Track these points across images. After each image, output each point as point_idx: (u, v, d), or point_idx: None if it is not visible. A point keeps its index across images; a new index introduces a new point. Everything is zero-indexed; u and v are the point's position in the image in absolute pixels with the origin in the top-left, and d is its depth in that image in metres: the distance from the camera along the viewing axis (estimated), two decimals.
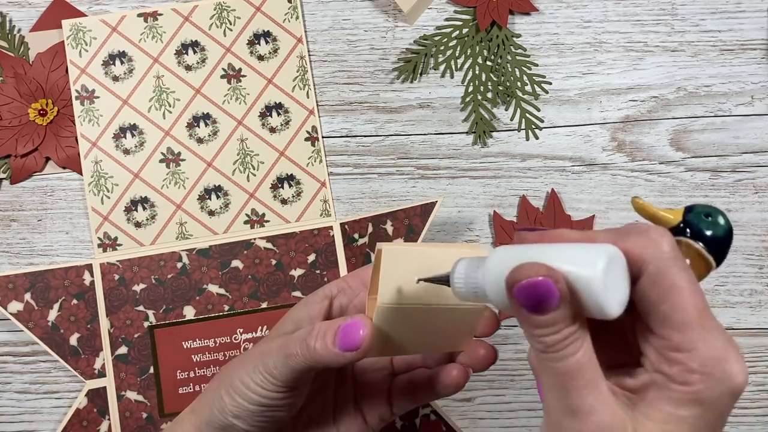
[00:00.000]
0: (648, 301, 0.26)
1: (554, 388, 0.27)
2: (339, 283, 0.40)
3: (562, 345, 0.26)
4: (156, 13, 0.57)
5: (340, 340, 0.33)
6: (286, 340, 0.35)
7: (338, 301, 0.40)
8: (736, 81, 0.58)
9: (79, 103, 0.57)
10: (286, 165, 0.57)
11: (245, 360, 0.37)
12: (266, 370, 0.35)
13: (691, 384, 0.26)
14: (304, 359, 0.34)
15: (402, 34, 0.58)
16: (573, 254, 0.26)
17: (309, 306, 0.39)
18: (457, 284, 0.30)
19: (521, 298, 0.26)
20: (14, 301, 0.54)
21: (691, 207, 0.30)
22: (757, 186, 0.57)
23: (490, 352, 0.38)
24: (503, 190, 0.57)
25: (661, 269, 0.26)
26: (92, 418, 0.54)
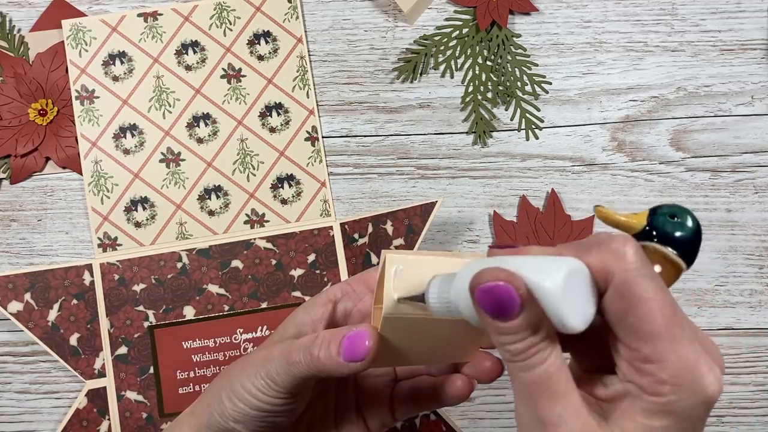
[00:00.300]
0: (615, 314, 0.26)
1: (523, 398, 0.26)
2: (343, 287, 0.39)
3: (528, 354, 0.26)
4: (156, 13, 0.57)
5: (344, 350, 0.33)
6: (289, 347, 0.35)
7: (342, 305, 0.39)
8: (736, 81, 0.58)
9: (79, 103, 0.57)
10: (286, 165, 0.57)
11: (247, 364, 0.36)
12: (268, 376, 0.35)
13: (662, 395, 0.25)
14: (307, 368, 0.34)
15: (402, 34, 0.58)
16: (535, 266, 0.26)
17: (312, 309, 0.38)
18: (432, 302, 0.30)
19: (483, 302, 0.26)
20: (14, 301, 0.54)
21: (655, 209, 0.29)
22: (757, 186, 0.57)
23: (496, 365, 0.37)
24: (503, 190, 0.57)
25: (625, 281, 0.26)
26: (92, 418, 0.54)
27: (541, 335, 0.26)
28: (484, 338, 0.36)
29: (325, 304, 0.38)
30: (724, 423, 0.55)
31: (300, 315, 0.38)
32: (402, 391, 0.41)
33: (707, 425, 0.55)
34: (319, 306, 0.38)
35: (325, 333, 0.34)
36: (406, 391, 0.40)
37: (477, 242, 0.56)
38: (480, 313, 0.26)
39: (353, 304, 0.39)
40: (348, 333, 0.33)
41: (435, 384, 0.39)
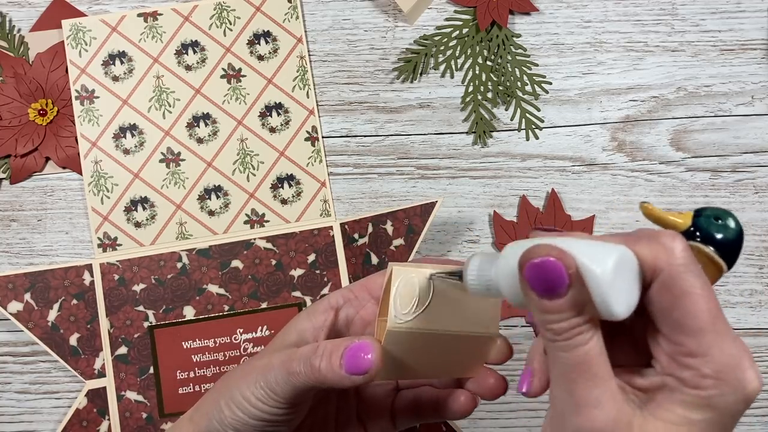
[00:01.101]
0: (661, 306, 0.26)
1: (561, 380, 0.27)
2: (345, 293, 0.39)
3: (571, 334, 0.26)
4: (156, 13, 0.57)
5: (346, 362, 0.32)
6: (289, 357, 0.34)
7: (344, 312, 0.39)
8: (736, 81, 0.58)
9: (79, 103, 0.57)
10: (286, 165, 0.57)
11: (247, 372, 0.36)
12: (268, 385, 0.34)
13: (704, 389, 0.26)
14: (307, 378, 0.33)
15: (402, 34, 0.58)
16: (585, 250, 0.26)
17: (313, 316, 0.38)
18: (471, 279, 0.30)
19: (532, 278, 0.26)
20: (14, 301, 0.54)
21: (700, 210, 0.30)
22: (757, 186, 0.57)
23: (500, 382, 0.37)
24: (503, 190, 0.57)
25: (673, 275, 0.26)
26: (92, 418, 0.54)
27: (585, 317, 0.26)
28: (490, 355, 0.35)
29: (326, 311, 0.38)
30: None
31: (301, 321, 0.38)
32: (404, 401, 0.40)
33: None
34: (320, 313, 0.38)
35: (326, 344, 0.34)
36: (408, 402, 0.40)
37: (477, 242, 0.56)
38: (526, 290, 0.26)
39: (355, 311, 0.39)
40: (350, 345, 0.33)
41: (438, 397, 0.39)
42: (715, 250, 0.29)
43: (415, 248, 0.54)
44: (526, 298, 0.27)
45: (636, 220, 0.56)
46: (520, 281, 0.26)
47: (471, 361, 0.36)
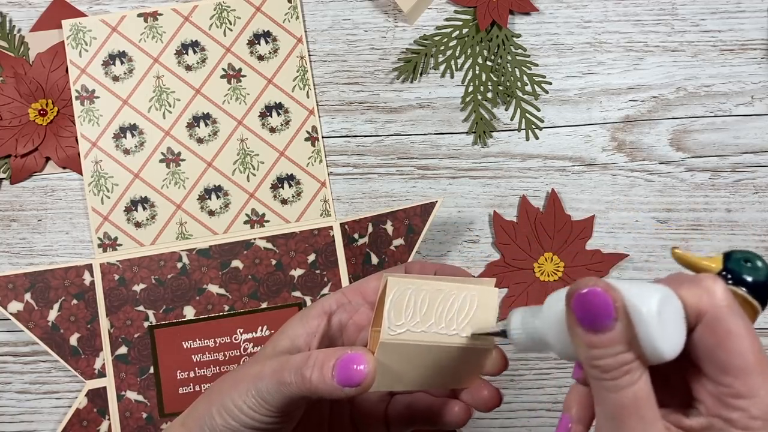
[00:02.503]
0: (705, 348, 0.27)
1: (608, 419, 0.26)
2: (338, 298, 0.38)
3: (620, 372, 0.26)
4: (156, 13, 0.57)
5: (338, 374, 0.32)
6: (281, 366, 0.34)
7: (337, 318, 0.38)
8: (736, 81, 0.58)
9: (79, 103, 0.57)
10: (286, 165, 0.57)
11: (238, 380, 0.35)
12: (259, 394, 0.34)
13: (754, 429, 0.26)
14: (298, 389, 0.33)
15: (402, 34, 0.58)
16: (630, 289, 0.26)
17: (306, 321, 0.37)
18: (516, 334, 0.31)
19: (578, 310, 0.25)
20: (14, 301, 0.54)
21: (729, 253, 0.30)
22: (757, 186, 0.57)
23: (494, 394, 0.37)
24: (503, 190, 0.57)
25: (718, 316, 0.26)
26: (92, 418, 0.54)
27: (633, 354, 0.26)
28: (485, 366, 0.35)
29: (319, 316, 0.37)
30: None
31: (294, 327, 0.37)
32: (397, 408, 0.40)
33: None
34: (313, 318, 0.37)
35: (318, 353, 0.33)
36: (402, 408, 0.40)
37: (477, 242, 0.56)
38: (573, 326, 0.26)
39: (349, 315, 0.38)
40: (342, 356, 0.32)
41: (432, 405, 0.38)
42: (748, 291, 0.29)
43: (415, 248, 0.54)
44: (572, 337, 0.26)
45: (636, 220, 0.56)
46: (567, 317, 0.26)
47: (466, 373, 0.35)
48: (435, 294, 0.32)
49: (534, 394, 0.55)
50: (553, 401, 0.55)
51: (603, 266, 0.55)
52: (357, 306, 0.38)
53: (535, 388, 0.56)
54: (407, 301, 0.32)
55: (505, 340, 0.32)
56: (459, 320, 0.33)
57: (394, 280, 0.31)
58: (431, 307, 0.32)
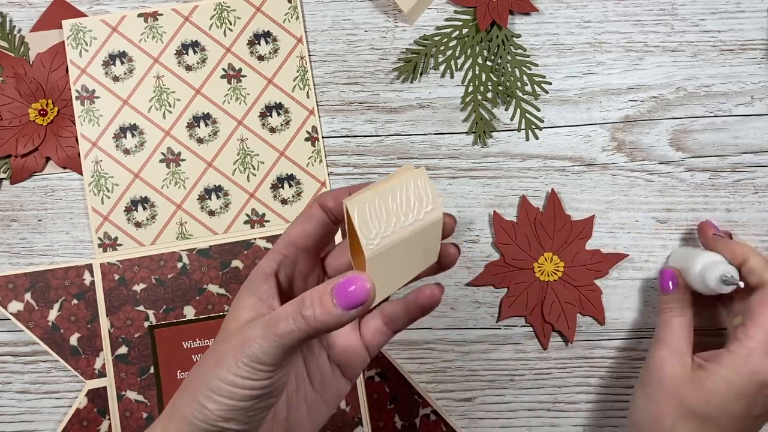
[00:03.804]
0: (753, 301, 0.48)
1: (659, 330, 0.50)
2: (274, 257, 0.39)
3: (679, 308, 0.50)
4: (156, 13, 0.57)
5: (340, 300, 0.33)
6: (270, 321, 0.34)
7: (282, 275, 0.39)
8: (736, 81, 0.58)
9: (79, 103, 0.57)
10: (286, 165, 0.57)
11: (218, 360, 0.34)
12: (252, 358, 0.33)
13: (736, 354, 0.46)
14: (300, 332, 0.33)
15: (402, 34, 0.58)
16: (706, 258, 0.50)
17: (256, 289, 0.37)
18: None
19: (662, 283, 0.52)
20: (14, 301, 0.54)
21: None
22: (757, 186, 0.57)
23: (454, 249, 0.40)
24: (503, 190, 0.57)
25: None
26: (92, 418, 0.54)
27: (682, 304, 0.51)
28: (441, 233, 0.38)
29: (267, 280, 0.38)
30: None
31: (247, 298, 0.37)
32: (371, 328, 0.41)
33: None
34: (261, 284, 0.38)
35: (310, 293, 0.34)
36: (375, 327, 0.41)
37: (477, 242, 0.57)
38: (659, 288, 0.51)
39: (291, 269, 0.39)
40: (336, 284, 0.33)
41: (403, 303, 0.40)
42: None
43: None
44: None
45: (636, 220, 0.57)
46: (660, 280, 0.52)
47: (431, 247, 0.38)
48: (384, 197, 0.34)
49: (534, 394, 0.55)
50: (553, 401, 0.55)
51: (603, 266, 0.55)
52: (294, 257, 0.39)
53: (535, 388, 0.56)
54: (369, 215, 0.33)
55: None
56: (412, 207, 0.35)
57: (352, 201, 0.33)
58: (388, 209, 0.34)
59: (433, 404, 0.54)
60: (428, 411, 0.54)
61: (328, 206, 0.39)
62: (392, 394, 0.54)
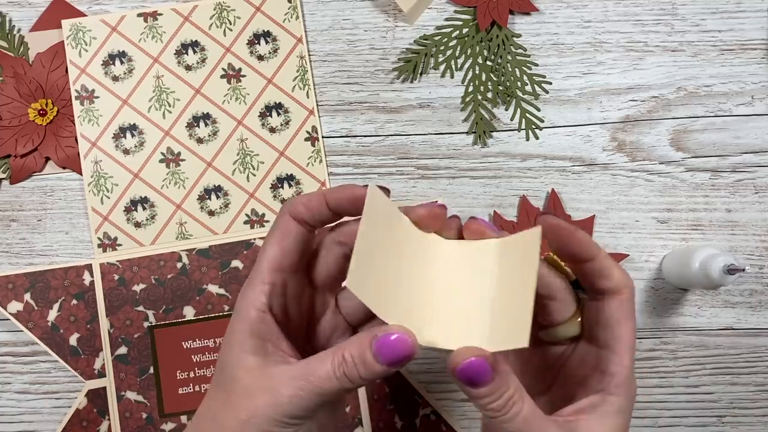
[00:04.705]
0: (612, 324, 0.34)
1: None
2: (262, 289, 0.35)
3: (508, 407, 0.31)
4: (156, 13, 0.57)
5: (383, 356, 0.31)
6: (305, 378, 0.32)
7: (276, 306, 0.35)
8: (737, 81, 0.57)
9: (79, 103, 0.57)
10: (286, 165, 0.57)
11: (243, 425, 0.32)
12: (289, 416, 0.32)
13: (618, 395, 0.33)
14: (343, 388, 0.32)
15: (402, 34, 0.58)
16: None
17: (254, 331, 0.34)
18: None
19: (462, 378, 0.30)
20: (14, 301, 0.54)
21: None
22: (757, 186, 0.57)
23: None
24: (503, 190, 0.57)
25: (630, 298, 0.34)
26: (92, 419, 0.54)
27: (512, 388, 0.31)
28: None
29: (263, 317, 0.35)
30: (725, 423, 0.55)
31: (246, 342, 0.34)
32: None
33: (707, 425, 0.55)
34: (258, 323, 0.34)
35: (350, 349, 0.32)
36: None
37: None
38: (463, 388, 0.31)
39: (283, 296, 0.36)
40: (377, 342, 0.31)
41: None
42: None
43: None
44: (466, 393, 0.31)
45: (636, 220, 0.56)
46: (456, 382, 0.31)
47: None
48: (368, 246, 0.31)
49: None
50: None
51: None
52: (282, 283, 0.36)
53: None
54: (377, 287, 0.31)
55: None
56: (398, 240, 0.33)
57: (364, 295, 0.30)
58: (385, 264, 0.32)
59: (433, 404, 0.54)
60: (428, 411, 0.54)
61: (303, 218, 0.36)
62: (392, 394, 0.54)
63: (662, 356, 0.56)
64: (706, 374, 0.56)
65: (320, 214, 0.36)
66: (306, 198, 0.36)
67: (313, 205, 0.35)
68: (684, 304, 0.56)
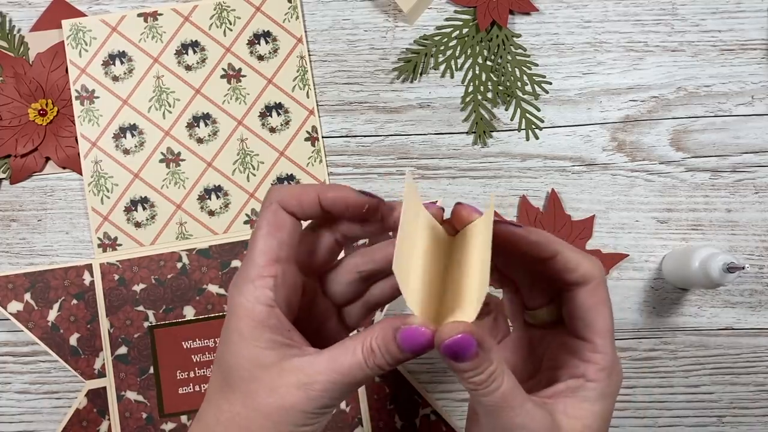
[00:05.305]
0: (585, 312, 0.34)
1: (487, 416, 0.32)
2: (264, 283, 0.34)
3: (489, 381, 0.31)
4: (156, 13, 0.57)
5: (405, 344, 0.32)
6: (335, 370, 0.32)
7: (280, 297, 0.35)
8: (736, 81, 0.57)
9: (79, 103, 0.57)
10: (286, 165, 0.57)
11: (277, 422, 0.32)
12: (322, 407, 0.33)
13: (599, 381, 0.33)
14: (370, 377, 0.33)
15: (402, 34, 0.58)
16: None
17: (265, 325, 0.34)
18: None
19: (448, 354, 0.30)
20: (14, 301, 0.54)
21: None
22: (757, 186, 0.57)
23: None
24: (503, 190, 0.57)
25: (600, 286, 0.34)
26: (92, 419, 0.54)
27: (495, 364, 0.31)
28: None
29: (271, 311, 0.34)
30: (725, 423, 0.55)
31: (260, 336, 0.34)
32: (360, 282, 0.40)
33: (707, 425, 0.55)
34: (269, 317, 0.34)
35: (375, 339, 0.32)
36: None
37: None
38: (448, 363, 0.31)
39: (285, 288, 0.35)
40: (402, 332, 0.32)
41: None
42: None
43: None
44: (451, 369, 0.32)
45: (636, 220, 0.56)
46: (442, 358, 0.31)
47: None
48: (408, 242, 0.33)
49: None
50: None
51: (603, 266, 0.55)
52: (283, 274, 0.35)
53: None
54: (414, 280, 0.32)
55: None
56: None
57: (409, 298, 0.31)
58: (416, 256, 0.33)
59: (433, 404, 0.54)
60: (428, 411, 0.54)
61: (293, 211, 0.36)
62: (392, 394, 0.54)
63: (662, 356, 0.56)
64: (706, 374, 0.56)
65: (312, 212, 0.36)
66: (297, 192, 0.35)
67: (306, 201, 0.35)
68: (684, 304, 0.56)
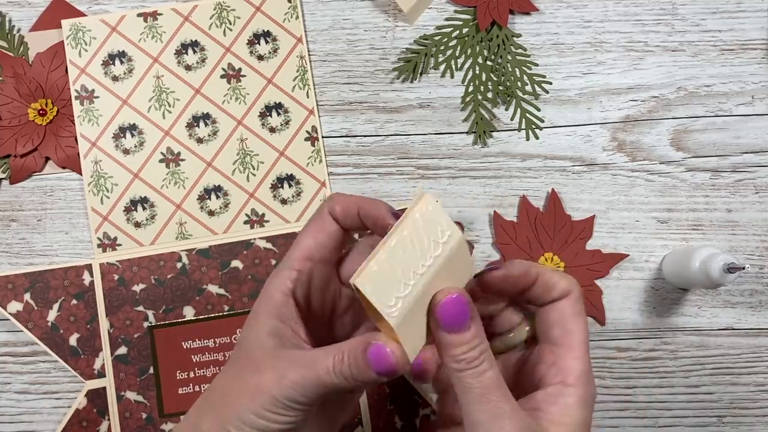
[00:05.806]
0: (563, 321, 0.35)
1: (475, 403, 0.31)
2: (288, 274, 0.37)
3: (480, 360, 0.31)
4: (156, 12, 0.57)
5: (373, 364, 0.32)
6: (308, 367, 0.33)
7: (299, 292, 0.37)
8: (737, 81, 0.57)
9: (79, 103, 0.57)
10: (286, 165, 0.57)
11: (252, 396, 0.33)
12: (291, 399, 0.33)
13: (577, 386, 0.33)
14: (342, 386, 0.33)
15: (402, 34, 0.58)
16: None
17: (275, 312, 0.36)
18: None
19: (442, 318, 0.31)
20: (14, 302, 0.54)
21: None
22: (757, 186, 0.57)
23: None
24: (503, 190, 0.57)
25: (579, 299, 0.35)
26: (92, 419, 0.54)
27: (486, 345, 0.31)
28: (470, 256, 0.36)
29: (286, 300, 0.36)
30: (725, 423, 0.55)
31: (266, 322, 0.35)
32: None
33: (707, 425, 0.55)
34: (280, 306, 0.36)
35: (348, 350, 0.33)
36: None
37: (477, 242, 0.56)
38: (438, 332, 0.31)
39: (307, 285, 0.37)
40: (370, 350, 0.32)
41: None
42: None
43: None
44: (439, 342, 0.31)
45: (636, 220, 0.56)
46: (432, 325, 0.31)
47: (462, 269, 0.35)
48: (394, 254, 0.32)
49: None
50: None
51: (603, 266, 0.55)
52: (309, 272, 0.37)
53: None
54: (383, 284, 0.31)
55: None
56: (427, 247, 0.33)
57: (360, 280, 0.31)
58: (402, 263, 0.32)
59: (433, 404, 0.54)
60: (428, 411, 0.54)
61: (337, 217, 0.37)
62: (392, 394, 0.54)
63: (662, 356, 0.56)
64: (706, 374, 0.56)
65: (352, 222, 0.38)
66: (345, 200, 0.37)
67: (348, 209, 0.37)
68: (684, 304, 0.56)
